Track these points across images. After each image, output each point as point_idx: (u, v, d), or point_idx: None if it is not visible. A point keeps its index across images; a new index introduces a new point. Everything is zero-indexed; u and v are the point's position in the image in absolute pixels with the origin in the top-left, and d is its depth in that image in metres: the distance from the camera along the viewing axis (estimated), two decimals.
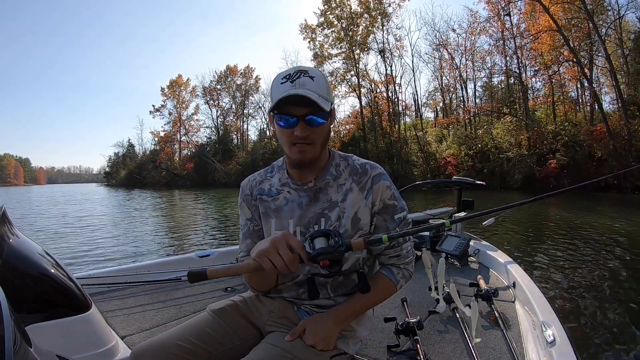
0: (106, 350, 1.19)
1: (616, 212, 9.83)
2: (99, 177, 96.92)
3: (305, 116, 0.83)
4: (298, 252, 0.74)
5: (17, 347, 0.66)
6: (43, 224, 10.44)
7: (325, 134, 0.90)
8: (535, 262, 4.55)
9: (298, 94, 0.80)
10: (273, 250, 0.74)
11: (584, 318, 2.84)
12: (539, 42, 20.55)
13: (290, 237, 0.76)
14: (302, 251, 0.75)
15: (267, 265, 0.74)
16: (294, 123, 0.83)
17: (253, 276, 0.95)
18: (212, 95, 44.68)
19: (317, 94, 0.82)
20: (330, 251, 0.73)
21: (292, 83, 0.83)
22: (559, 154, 18.31)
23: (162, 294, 1.91)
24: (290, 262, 0.73)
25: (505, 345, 1.31)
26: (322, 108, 0.82)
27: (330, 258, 0.73)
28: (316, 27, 29.69)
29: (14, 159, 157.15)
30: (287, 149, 0.89)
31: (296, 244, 0.75)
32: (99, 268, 2.45)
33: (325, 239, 0.77)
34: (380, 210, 0.93)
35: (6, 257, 1.06)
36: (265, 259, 0.74)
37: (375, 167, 0.95)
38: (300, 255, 0.74)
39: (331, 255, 0.73)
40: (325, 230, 0.80)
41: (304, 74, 0.84)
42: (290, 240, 0.75)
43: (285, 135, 0.86)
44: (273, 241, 0.75)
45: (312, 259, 0.74)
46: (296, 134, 0.84)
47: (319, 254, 0.73)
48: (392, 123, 27.51)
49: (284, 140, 0.88)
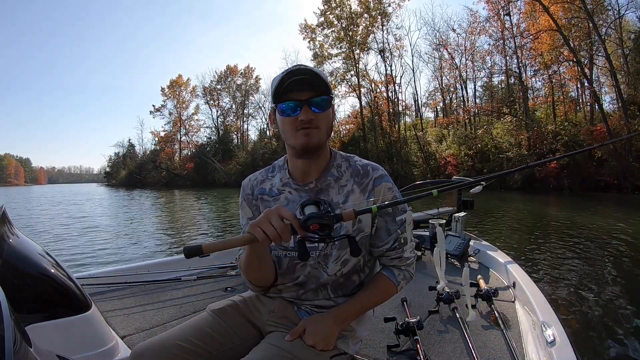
0: (106, 350, 1.19)
1: (616, 212, 9.83)
2: (99, 177, 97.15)
3: (308, 100, 0.85)
4: (289, 221, 0.75)
5: (17, 347, 0.66)
6: (43, 223, 10.45)
7: (329, 123, 0.90)
8: (535, 262, 4.56)
9: (300, 68, 0.83)
10: (265, 221, 0.75)
11: (584, 318, 2.84)
12: (538, 41, 20.54)
13: (282, 208, 0.77)
14: (294, 220, 0.75)
15: (260, 235, 0.74)
16: (297, 109, 0.85)
17: (250, 267, 0.92)
18: (212, 95, 44.74)
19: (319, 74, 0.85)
20: (319, 215, 0.75)
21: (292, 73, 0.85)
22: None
23: (162, 294, 1.91)
24: (282, 231, 0.74)
25: (505, 345, 1.31)
26: (325, 90, 0.85)
27: (319, 222, 0.74)
28: (316, 27, 29.75)
29: (15, 159, 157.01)
30: (291, 137, 0.88)
31: (287, 213, 0.76)
32: (99, 268, 2.45)
33: (315, 207, 0.79)
34: (381, 211, 0.93)
35: (6, 257, 1.06)
36: (257, 229, 0.75)
37: (377, 169, 0.95)
38: (292, 225, 0.75)
39: (320, 219, 0.75)
40: (315, 199, 0.82)
41: (303, 66, 0.86)
42: (281, 211, 0.76)
43: (289, 122, 0.87)
44: (265, 213, 0.76)
45: (302, 225, 0.75)
46: (300, 118, 0.85)
47: (309, 218, 0.75)
48: (392, 123, 27.51)
49: (288, 128, 0.87)
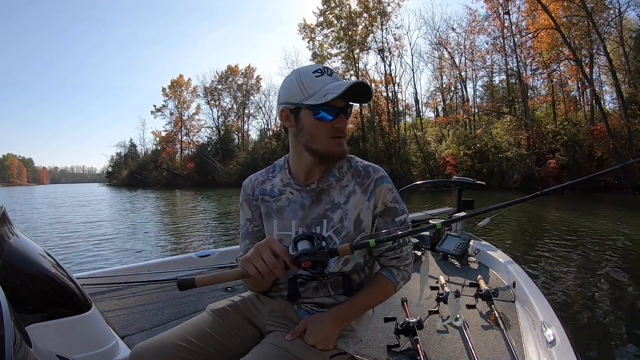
0: (106, 350, 1.19)
1: (617, 212, 9.83)
2: (101, 177, 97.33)
3: (346, 108, 0.86)
4: (282, 257, 0.75)
5: (17, 347, 0.66)
6: (43, 223, 10.45)
7: None
8: (535, 262, 4.55)
9: (364, 82, 0.83)
10: (256, 256, 0.75)
11: (584, 318, 2.84)
12: (538, 40, 20.50)
13: (274, 242, 0.76)
14: (286, 256, 0.75)
15: (252, 271, 0.74)
16: (334, 115, 0.85)
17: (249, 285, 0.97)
18: (213, 95, 44.76)
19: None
20: (312, 252, 0.73)
21: (331, 76, 0.85)
22: (559, 154, 18.29)
23: (162, 294, 1.91)
24: (273, 267, 0.74)
25: (505, 345, 1.31)
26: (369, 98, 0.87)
27: (312, 259, 0.73)
28: (315, 27, 29.72)
29: (17, 159, 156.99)
30: (324, 143, 0.88)
31: (280, 249, 0.75)
32: (99, 268, 2.45)
33: (309, 242, 0.76)
34: (381, 212, 0.94)
35: (6, 257, 1.05)
36: (249, 265, 0.75)
37: (378, 170, 0.96)
38: (284, 261, 0.74)
39: (313, 256, 0.73)
40: (309, 233, 0.80)
41: (331, 69, 0.88)
42: (273, 246, 0.75)
43: (325, 128, 0.87)
44: (256, 247, 0.76)
45: (294, 262, 0.74)
46: (337, 126, 0.86)
47: (301, 255, 0.73)
48: (392, 123, 27.48)
49: (322, 133, 0.87)
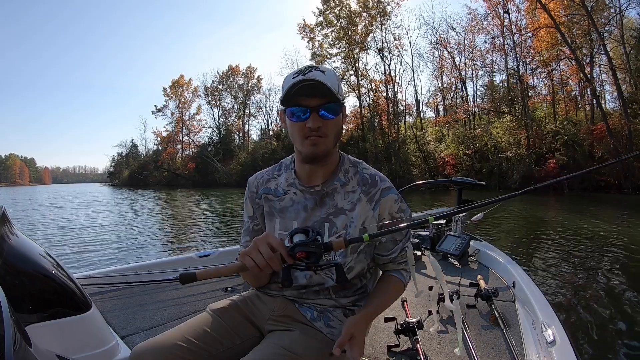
0: (106, 350, 1.19)
1: (617, 213, 9.82)
2: (103, 177, 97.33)
3: (317, 107, 0.84)
4: (278, 250, 0.76)
5: (17, 347, 0.66)
6: (44, 223, 10.45)
7: (338, 129, 0.90)
8: (535, 262, 4.55)
9: (308, 78, 0.82)
10: (254, 250, 0.77)
11: (584, 318, 2.83)
12: (537, 39, 20.45)
13: (271, 237, 0.78)
14: (282, 249, 0.76)
15: (250, 264, 0.76)
16: (306, 114, 0.85)
17: (248, 279, 0.99)
18: (214, 96, 44.74)
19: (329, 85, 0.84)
20: (306, 242, 0.76)
21: (303, 76, 0.84)
22: (559, 154, 18.27)
23: (162, 294, 1.91)
24: (270, 260, 0.76)
25: (505, 345, 1.31)
26: (334, 98, 0.84)
27: (306, 250, 0.75)
28: (315, 27, 29.70)
29: (19, 159, 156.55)
30: (299, 143, 0.89)
31: (276, 242, 0.77)
32: (99, 268, 2.45)
33: (304, 235, 0.80)
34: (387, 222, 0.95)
35: (6, 257, 1.05)
36: (247, 258, 0.77)
37: (384, 180, 0.97)
38: (281, 254, 0.76)
39: (307, 247, 0.75)
40: (305, 227, 0.82)
41: (315, 68, 0.86)
42: (270, 240, 0.77)
43: (297, 128, 0.87)
44: (254, 241, 0.78)
45: (289, 253, 0.76)
46: (308, 125, 0.85)
47: (295, 246, 0.76)
48: (392, 123, 27.47)
49: (296, 134, 0.88)
